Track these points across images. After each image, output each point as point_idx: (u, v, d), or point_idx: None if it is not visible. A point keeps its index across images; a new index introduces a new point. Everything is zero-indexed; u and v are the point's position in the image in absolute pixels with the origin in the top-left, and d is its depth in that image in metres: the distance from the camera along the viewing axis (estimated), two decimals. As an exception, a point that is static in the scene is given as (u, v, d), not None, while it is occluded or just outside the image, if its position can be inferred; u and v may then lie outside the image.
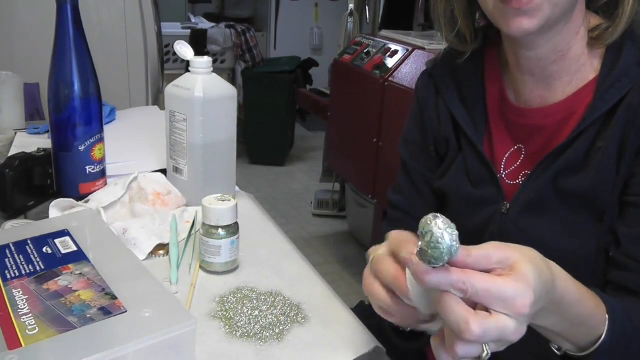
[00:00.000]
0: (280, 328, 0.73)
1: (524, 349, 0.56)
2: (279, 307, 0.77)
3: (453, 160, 0.88)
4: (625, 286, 0.71)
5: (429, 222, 0.48)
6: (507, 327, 0.49)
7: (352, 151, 2.60)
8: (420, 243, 0.48)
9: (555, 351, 0.62)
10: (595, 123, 0.74)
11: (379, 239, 0.63)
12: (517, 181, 0.82)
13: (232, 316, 0.75)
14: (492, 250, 0.51)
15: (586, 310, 0.59)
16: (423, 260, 0.49)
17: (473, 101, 0.86)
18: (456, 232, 0.48)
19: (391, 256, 0.56)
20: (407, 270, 0.53)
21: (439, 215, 0.48)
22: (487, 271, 0.51)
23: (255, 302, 0.78)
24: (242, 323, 0.73)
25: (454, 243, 0.48)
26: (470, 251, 0.51)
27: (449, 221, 0.48)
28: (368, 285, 0.59)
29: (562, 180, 0.76)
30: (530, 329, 0.54)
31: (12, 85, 1.42)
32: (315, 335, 0.73)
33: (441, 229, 0.47)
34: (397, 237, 0.56)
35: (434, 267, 0.49)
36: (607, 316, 0.61)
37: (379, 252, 0.58)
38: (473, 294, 0.49)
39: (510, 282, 0.49)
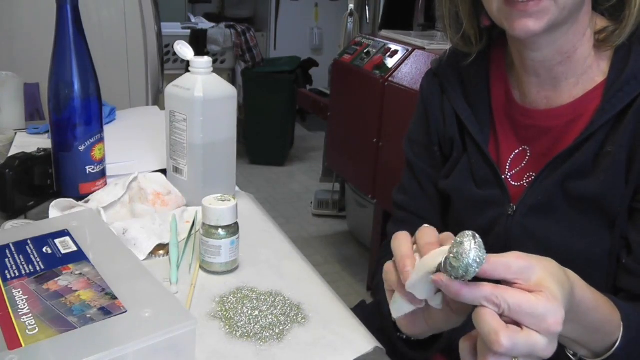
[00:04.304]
0: (280, 328, 0.73)
1: None
2: (279, 307, 0.77)
3: (457, 161, 0.88)
4: (639, 294, 0.71)
5: (465, 236, 0.50)
6: (537, 343, 0.49)
7: (352, 151, 2.59)
8: (448, 253, 0.51)
9: (571, 357, 0.63)
10: (604, 127, 0.73)
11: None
12: (522, 182, 0.82)
13: (232, 316, 0.75)
14: (512, 260, 0.52)
15: (602, 317, 0.60)
16: (445, 269, 0.51)
17: (478, 101, 0.86)
18: (483, 256, 0.50)
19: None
20: (417, 261, 0.56)
21: (477, 235, 0.50)
22: (507, 281, 0.51)
23: (255, 302, 0.78)
24: (242, 323, 0.73)
25: (475, 264, 0.49)
26: (490, 258, 0.51)
27: (482, 242, 0.50)
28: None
29: (571, 184, 0.75)
30: None
31: (12, 85, 1.42)
32: (315, 335, 0.73)
33: (472, 246, 0.49)
34: (424, 236, 0.58)
35: (455, 279, 0.51)
36: (621, 322, 0.61)
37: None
38: (505, 309, 0.50)
39: (542, 299, 0.50)
